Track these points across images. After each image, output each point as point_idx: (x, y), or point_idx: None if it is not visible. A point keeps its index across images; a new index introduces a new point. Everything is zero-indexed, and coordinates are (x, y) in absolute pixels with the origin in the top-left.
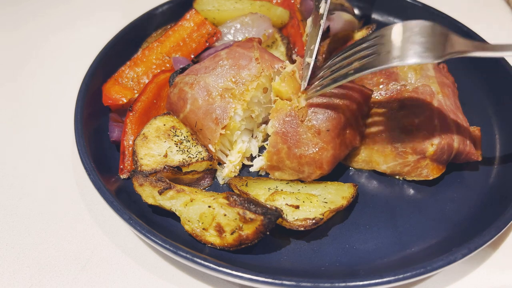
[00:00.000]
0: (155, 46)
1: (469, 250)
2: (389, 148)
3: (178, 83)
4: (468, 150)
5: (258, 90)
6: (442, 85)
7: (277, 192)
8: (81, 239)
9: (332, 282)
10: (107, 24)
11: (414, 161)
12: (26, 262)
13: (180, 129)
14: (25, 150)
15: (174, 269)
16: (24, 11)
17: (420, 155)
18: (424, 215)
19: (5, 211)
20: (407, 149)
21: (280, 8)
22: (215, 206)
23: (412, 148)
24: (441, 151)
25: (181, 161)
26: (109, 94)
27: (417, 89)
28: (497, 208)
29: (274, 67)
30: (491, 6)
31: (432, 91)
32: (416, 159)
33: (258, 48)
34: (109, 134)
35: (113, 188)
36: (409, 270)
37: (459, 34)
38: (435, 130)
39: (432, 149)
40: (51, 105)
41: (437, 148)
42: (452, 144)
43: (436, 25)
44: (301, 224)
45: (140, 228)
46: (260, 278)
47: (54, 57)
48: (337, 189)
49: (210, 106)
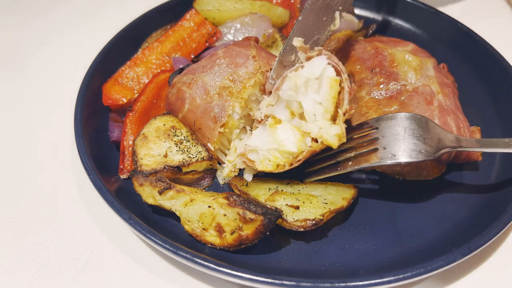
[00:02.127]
0: (155, 46)
1: (469, 250)
2: None
3: (176, 83)
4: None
5: (255, 87)
6: (442, 85)
7: (277, 193)
8: (81, 239)
9: (332, 282)
10: (107, 24)
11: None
12: (26, 262)
13: (180, 129)
14: (25, 150)
15: (174, 269)
16: (24, 11)
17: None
18: (424, 215)
19: (5, 211)
20: None
21: (280, 8)
22: (215, 206)
23: None
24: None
25: (181, 161)
26: (109, 94)
27: (417, 89)
28: (497, 208)
29: (271, 64)
30: (491, 6)
31: (432, 91)
32: None
33: (255, 46)
34: (109, 134)
35: (113, 188)
36: (409, 270)
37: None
38: None
39: None
40: (51, 105)
41: None
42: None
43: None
44: (301, 225)
45: (140, 228)
46: (260, 278)
47: (54, 57)
48: (338, 190)
49: (208, 105)
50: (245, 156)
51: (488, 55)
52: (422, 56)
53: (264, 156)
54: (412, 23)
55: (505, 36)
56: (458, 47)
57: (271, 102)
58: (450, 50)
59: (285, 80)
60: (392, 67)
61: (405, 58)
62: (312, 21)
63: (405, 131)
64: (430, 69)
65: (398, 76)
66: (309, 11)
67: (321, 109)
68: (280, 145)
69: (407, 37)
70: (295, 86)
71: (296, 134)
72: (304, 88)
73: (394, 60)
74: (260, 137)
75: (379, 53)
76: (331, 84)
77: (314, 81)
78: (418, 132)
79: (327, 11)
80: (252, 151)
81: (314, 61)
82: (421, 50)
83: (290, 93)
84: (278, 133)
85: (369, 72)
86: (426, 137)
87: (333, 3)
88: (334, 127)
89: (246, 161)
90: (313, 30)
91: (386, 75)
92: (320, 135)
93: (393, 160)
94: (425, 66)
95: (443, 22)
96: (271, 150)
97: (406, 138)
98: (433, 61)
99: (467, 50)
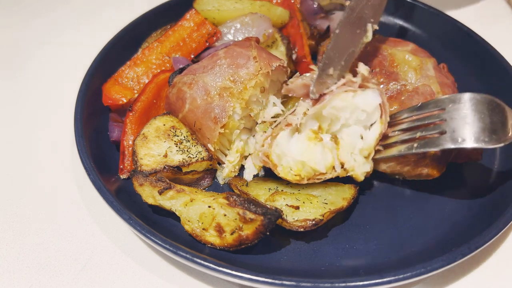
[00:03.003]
0: (155, 46)
1: (469, 250)
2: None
3: (177, 83)
4: (468, 150)
5: (256, 88)
6: (442, 85)
7: (277, 193)
8: (81, 239)
9: (332, 282)
10: (107, 24)
11: (414, 160)
12: (26, 262)
13: (180, 129)
14: (25, 150)
15: (174, 269)
16: (25, 11)
17: (420, 154)
18: (424, 215)
19: (5, 211)
20: None
21: (280, 8)
22: (215, 206)
23: None
24: (441, 150)
25: (181, 161)
26: (109, 94)
27: (417, 89)
28: (497, 208)
29: (272, 65)
30: (491, 6)
31: (432, 91)
32: (417, 158)
33: (256, 47)
34: (109, 134)
35: (113, 188)
36: (409, 270)
37: (459, 34)
38: None
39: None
40: (51, 105)
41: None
42: None
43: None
44: (301, 225)
45: (140, 228)
46: (260, 278)
47: (54, 57)
48: (338, 190)
49: (208, 106)
50: (269, 156)
51: (488, 55)
52: (422, 56)
53: (288, 164)
54: (412, 23)
55: (505, 36)
56: (458, 47)
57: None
58: (450, 50)
59: (334, 98)
60: (392, 67)
61: (405, 58)
62: (347, 34)
63: (474, 114)
64: (430, 69)
65: (398, 76)
66: (344, 24)
67: (361, 145)
68: (311, 161)
69: (407, 37)
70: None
71: (329, 158)
72: (349, 113)
73: (394, 60)
74: (290, 143)
75: (379, 53)
76: (381, 127)
77: (361, 112)
78: (488, 116)
79: (360, 23)
80: (279, 155)
81: (369, 93)
82: (421, 50)
83: (332, 112)
84: (314, 149)
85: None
86: (496, 121)
87: (365, 15)
88: (366, 165)
89: (269, 162)
90: (348, 43)
91: (386, 75)
92: (352, 168)
93: (463, 144)
94: (425, 66)
95: (443, 22)
96: (298, 161)
97: (475, 122)
98: (433, 61)
99: (467, 50)
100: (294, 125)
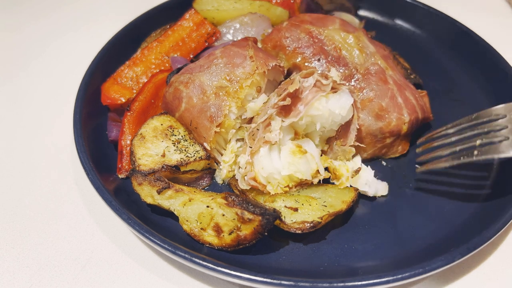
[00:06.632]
0: (154, 46)
1: (468, 250)
2: (368, 138)
3: (174, 82)
4: (426, 116)
5: (252, 88)
6: (385, 58)
7: (277, 194)
8: (81, 239)
9: (330, 282)
10: (107, 24)
11: (390, 142)
12: (26, 262)
13: (178, 128)
14: (24, 150)
15: (173, 269)
16: (25, 12)
17: (396, 136)
18: (424, 215)
19: (5, 211)
20: (385, 134)
21: (280, 8)
22: (214, 206)
23: (389, 132)
24: (411, 126)
25: (179, 160)
26: (108, 94)
27: (369, 70)
28: (497, 208)
29: (268, 65)
30: (491, 6)
31: (381, 69)
32: (393, 140)
33: (253, 47)
34: (108, 133)
35: (111, 187)
36: (408, 270)
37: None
38: (401, 108)
39: (405, 127)
40: (50, 104)
41: (409, 125)
42: (417, 116)
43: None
44: (299, 227)
45: (139, 228)
46: (258, 278)
47: (54, 57)
48: (338, 193)
49: (204, 105)
50: (257, 180)
51: (488, 55)
52: (352, 31)
53: (276, 180)
54: (412, 23)
55: (505, 36)
56: (458, 47)
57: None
58: (450, 50)
59: (308, 108)
60: (336, 51)
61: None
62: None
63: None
64: (368, 44)
65: (346, 60)
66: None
67: (344, 149)
68: (297, 173)
69: (407, 37)
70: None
71: (314, 165)
72: (325, 119)
73: (334, 43)
74: (274, 161)
75: (315, 37)
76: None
77: (337, 115)
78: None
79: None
80: (266, 177)
81: (342, 95)
82: (348, 25)
83: (308, 119)
84: (299, 161)
85: (317, 62)
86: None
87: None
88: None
89: (257, 185)
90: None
91: (333, 62)
92: (340, 173)
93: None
94: (362, 42)
95: (443, 22)
96: (285, 176)
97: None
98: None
99: (467, 50)
100: (273, 142)
